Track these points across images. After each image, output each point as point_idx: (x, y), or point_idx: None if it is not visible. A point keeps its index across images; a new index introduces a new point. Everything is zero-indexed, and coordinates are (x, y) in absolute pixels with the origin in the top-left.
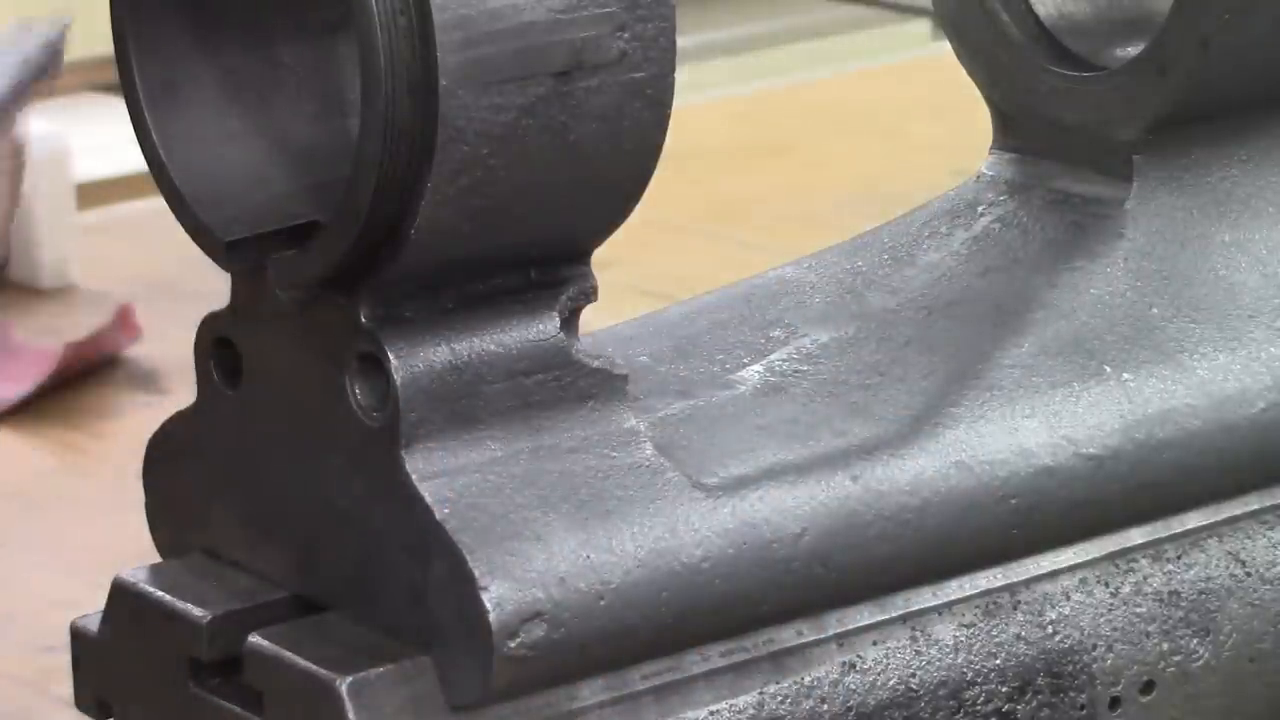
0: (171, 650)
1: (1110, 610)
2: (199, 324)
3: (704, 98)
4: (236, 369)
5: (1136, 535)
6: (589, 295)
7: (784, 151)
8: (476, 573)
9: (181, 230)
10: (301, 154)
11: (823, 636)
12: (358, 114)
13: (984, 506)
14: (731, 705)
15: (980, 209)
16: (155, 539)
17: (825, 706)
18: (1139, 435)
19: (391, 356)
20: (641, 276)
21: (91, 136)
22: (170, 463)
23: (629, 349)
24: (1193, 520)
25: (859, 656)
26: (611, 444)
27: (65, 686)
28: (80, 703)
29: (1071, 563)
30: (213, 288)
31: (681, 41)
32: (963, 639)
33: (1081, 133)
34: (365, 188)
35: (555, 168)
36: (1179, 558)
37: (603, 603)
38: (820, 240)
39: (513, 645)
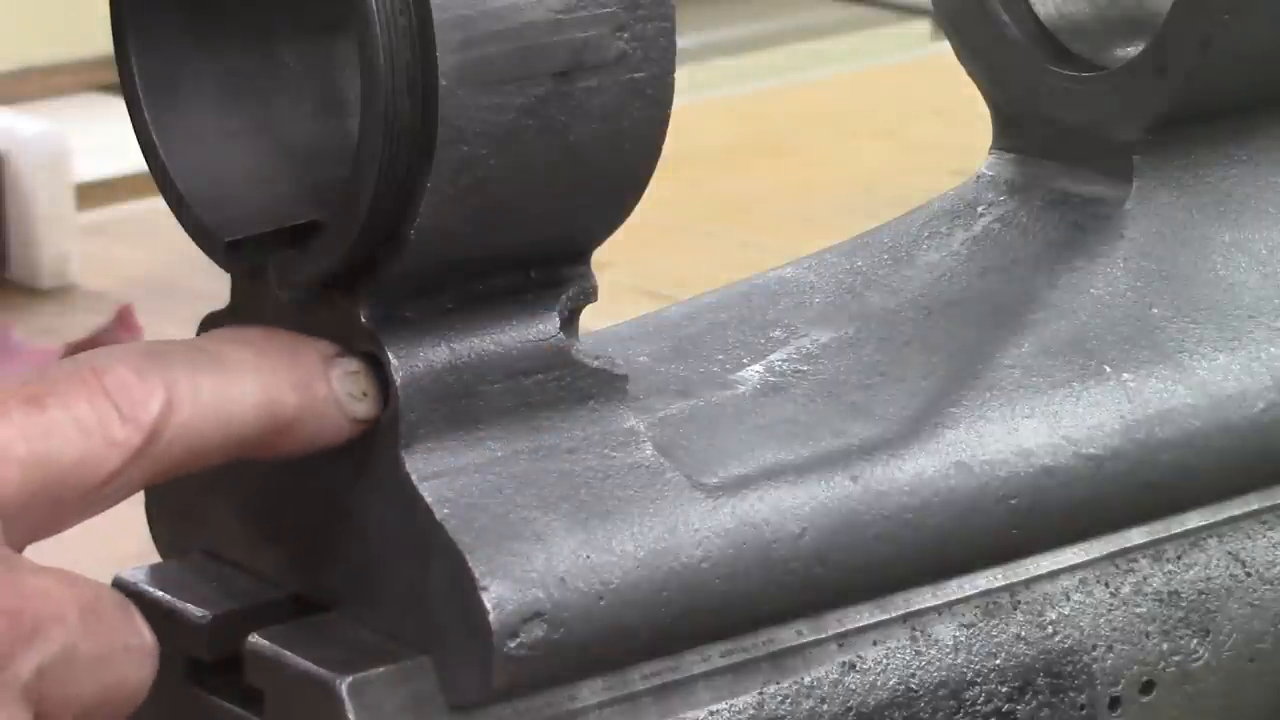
0: (171, 650)
1: (1110, 610)
2: (199, 324)
3: (704, 98)
4: None
5: (1136, 535)
6: (589, 295)
7: (784, 151)
8: (476, 573)
9: (181, 230)
10: (301, 154)
11: (823, 636)
12: (358, 114)
13: (984, 506)
14: (731, 705)
15: (980, 209)
16: (155, 539)
17: (825, 706)
18: (1139, 435)
19: (391, 356)
20: (641, 276)
21: (91, 136)
22: None
23: (629, 349)
24: (1193, 520)
25: (859, 656)
26: (611, 444)
27: None
28: None
29: (1071, 563)
30: (213, 288)
31: (681, 41)
32: (963, 639)
33: (1081, 133)
34: (365, 188)
35: (555, 168)
36: (1179, 558)
37: (603, 603)
38: (820, 240)
39: (513, 645)
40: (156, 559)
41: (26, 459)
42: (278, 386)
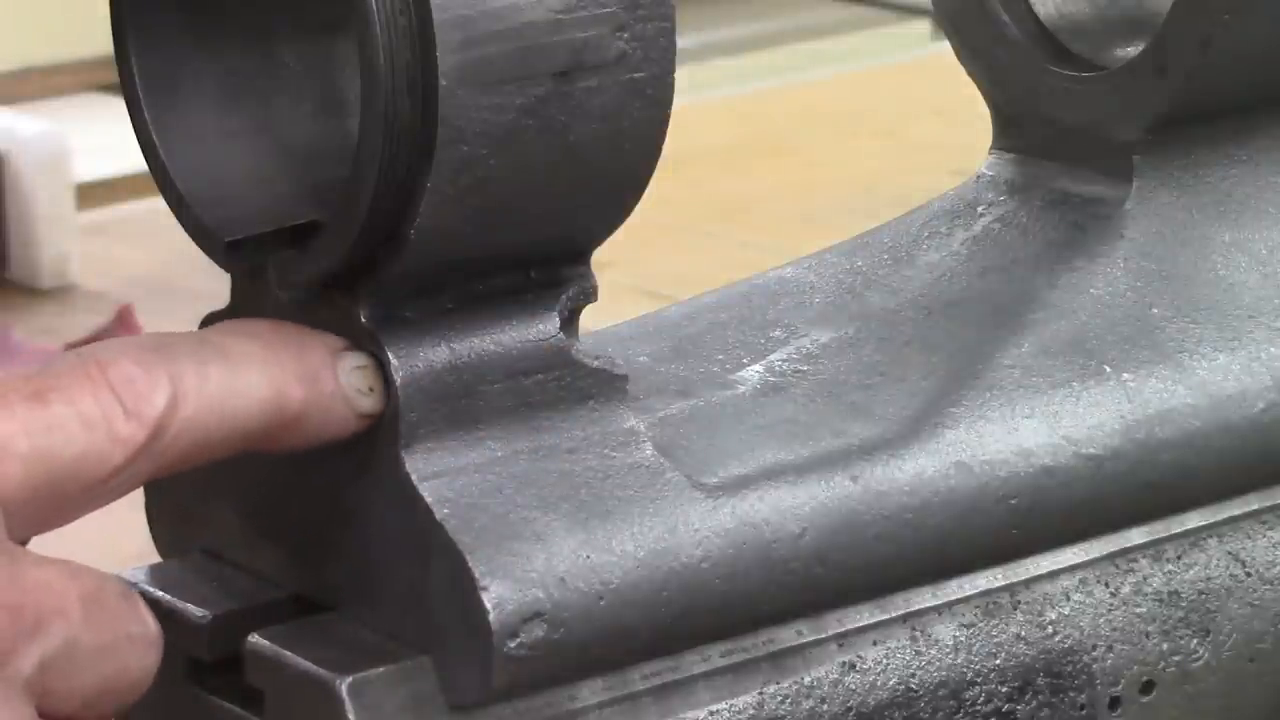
0: (171, 650)
1: (1110, 610)
2: (199, 324)
3: (704, 98)
4: None
5: (1136, 535)
6: (589, 295)
7: (784, 151)
8: (476, 573)
9: (181, 230)
10: (301, 154)
11: (823, 636)
12: (358, 114)
13: (984, 506)
14: (731, 705)
15: (980, 209)
16: (155, 539)
17: (825, 706)
18: (1139, 435)
19: (391, 356)
20: (641, 276)
21: (91, 136)
22: None
23: (629, 349)
24: (1193, 520)
25: (859, 656)
26: (611, 444)
27: None
28: None
29: (1071, 563)
30: (213, 288)
31: (681, 41)
32: (963, 639)
33: (1081, 133)
34: (365, 188)
35: (555, 168)
36: (1179, 558)
37: (603, 603)
38: (820, 240)
39: (513, 645)
40: (156, 559)
41: (29, 455)
42: (284, 379)
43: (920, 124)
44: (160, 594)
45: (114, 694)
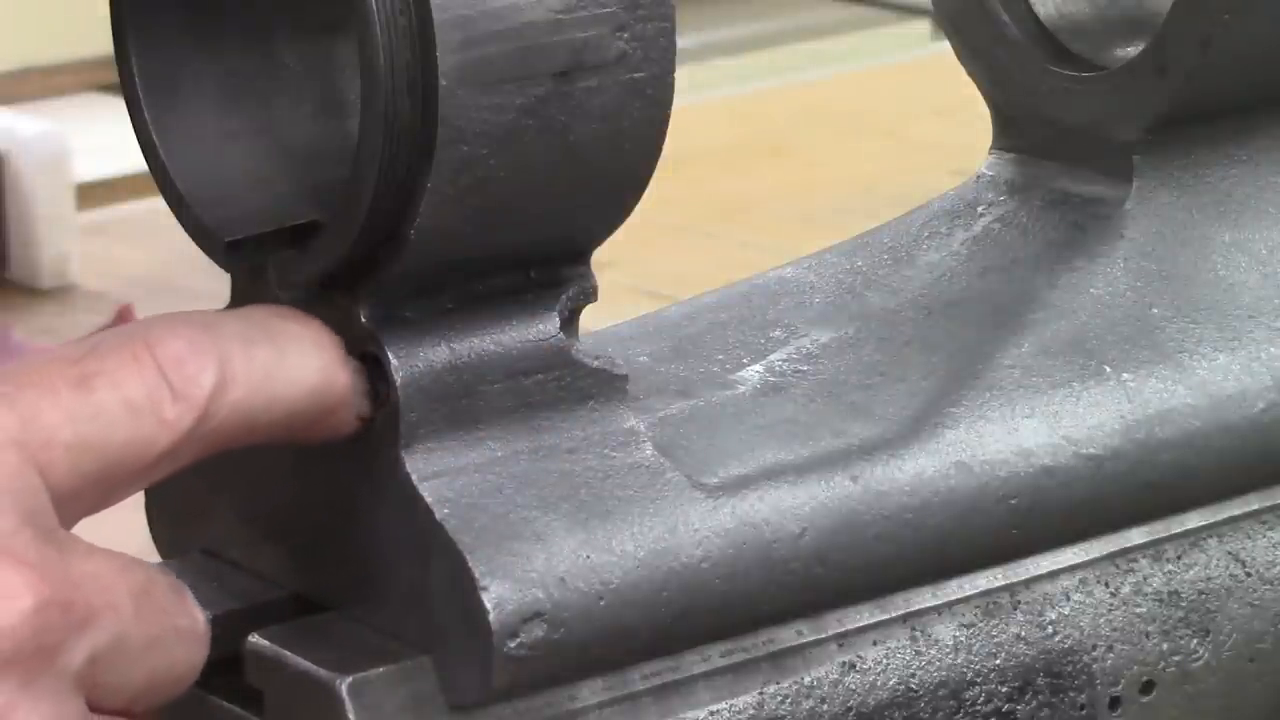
0: None
1: (1110, 610)
2: None
3: (704, 98)
4: None
5: (1136, 535)
6: (589, 295)
7: (784, 151)
8: (476, 573)
9: (181, 230)
10: (301, 154)
11: (823, 636)
12: (358, 114)
13: (984, 506)
14: (731, 705)
15: (980, 209)
16: (155, 539)
17: (825, 706)
18: (1139, 435)
19: (391, 356)
20: (641, 276)
21: (91, 136)
22: None
23: (629, 349)
24: (1193, 520)
25: (859, 656)
26: (611, 444)
27: None
28: None
29: (1071, 563)
30: (213, 288)
31: (681, 41)
32: (963, 639)
33: (1081, 133)
34: (365, 188)
35: (555, 168)
36: (1179, 558)
37: (603, 603)
38: (820, 240)
39: (513, 645)
40: (156, 559)
41: (75, 443)
42: (332, 365)
43: (920, 124)
44: None
45: (161, 687)
